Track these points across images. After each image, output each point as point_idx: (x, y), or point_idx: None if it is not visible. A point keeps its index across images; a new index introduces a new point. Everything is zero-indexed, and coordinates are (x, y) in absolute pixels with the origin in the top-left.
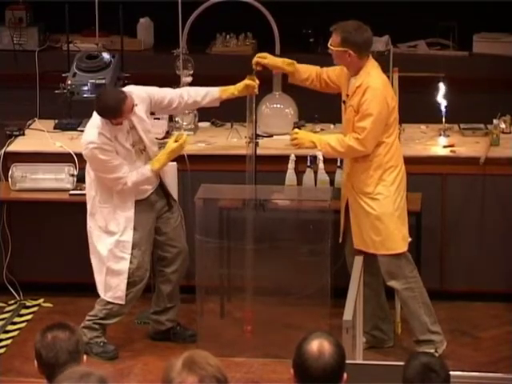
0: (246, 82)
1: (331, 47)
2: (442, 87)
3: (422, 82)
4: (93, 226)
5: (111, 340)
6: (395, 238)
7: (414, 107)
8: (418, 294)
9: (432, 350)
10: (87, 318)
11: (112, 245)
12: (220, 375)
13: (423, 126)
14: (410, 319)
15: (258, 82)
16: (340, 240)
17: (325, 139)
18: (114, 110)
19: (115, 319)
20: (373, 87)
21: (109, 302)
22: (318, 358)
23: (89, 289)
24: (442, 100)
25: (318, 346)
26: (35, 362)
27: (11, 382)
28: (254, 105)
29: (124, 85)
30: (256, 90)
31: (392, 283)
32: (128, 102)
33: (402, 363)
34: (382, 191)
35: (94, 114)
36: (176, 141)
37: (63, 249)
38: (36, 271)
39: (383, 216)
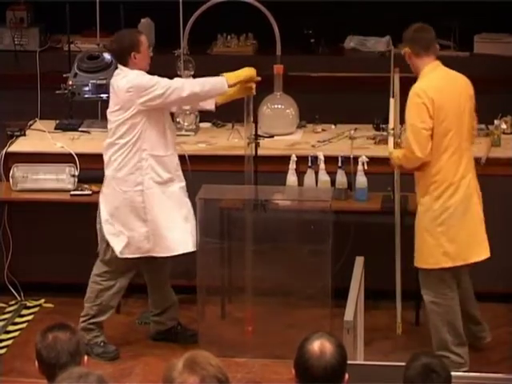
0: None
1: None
2: None
3: None
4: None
5: (112, 340)
6: (431, 252)
7: None
8: (444, 312)
9: None
10: (81, 319)
11: None
12: (221, 375)
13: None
14: (431, 332)
15: (256, 79)
16: None
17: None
18: (134, 40)
19: (107, 314)
20: (411, 94)
21: (97, 297)
22: (320, 358)
23: None
24: None
25: (320, 346)
26: (36, 362)
27: (12, 382)
28: (251, 106)
29: None
30: (254, 92)
31: (423, 294)
32: (143, 36)
33: (403, 364)
34: (424, 203)
35: (124, 73)
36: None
37: (64, 249)
38: (37, 272)
39: (421, 228)
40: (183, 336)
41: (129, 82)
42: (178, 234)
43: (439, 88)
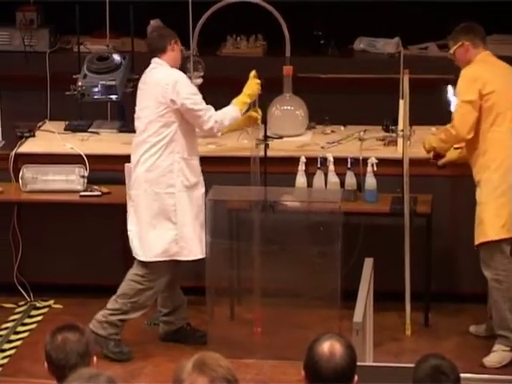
0: (250, 113)
1: (450, 53)
2: (452, 89)
3: (433, 83)
4: None
5: (121, 341)
6: (491, 224)
7: (425, 109)
8: (505, 289)
9: (507, 348)
10: (108, 312)
11: None
12: (230, 376)
13: (434, 128)
14: (493, 310)
15: (260, 113)
16: None
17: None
18: (172, 32)
19: (139, 313)
20: (464, 74)
21: (135, 295)
22: (329, 359)
23: (99, 290)
24: (452, 102)
25: (329, 347)
26: (45, 363)
27: (21, 382)
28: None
29: (134, 86)
30: (259, 122)
31: (485, 273)
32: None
33: (412, 365)
34: (484, 179)
35: (162, 67)
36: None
37: (74, 250)
38: (46, 272)
39: (481, 204)
40: (192, 337)
41: (169, 77)
42: (199, 238)
43: (491, 72)
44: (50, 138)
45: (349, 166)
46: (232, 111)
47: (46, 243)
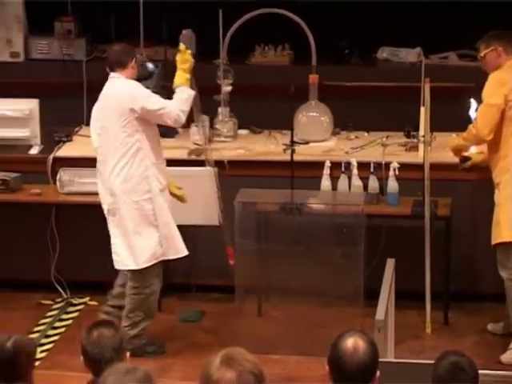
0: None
1: (481, 56)
2: (472, 97)
3: (453, 91)
4: None
5: (153, 337)
6: (506, 225)
7: (445, 116)
8: None
9: None
10: (128, 328)
11: None
12: (257, 371)
13: (454, 135)
14: (509, 309)
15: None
16: None
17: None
18: (128, 50)
19: (153, 317)
20: (490, 76)
21: (141, 305)
22: (353, 355)
23: None
24: (472, 109)
25: (353, 343)
26: (81, 357)
27: (58, 375)
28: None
29: (167, 93)
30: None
31: (501, 273)
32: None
33: (432, 362)
34: (504, 181)
35: (121, 80)
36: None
37: (108, 250)
38: (82, 271)
39: (499, 205)
40: None
41: (124, 88)
42: (179, 236)
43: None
44: (86, 142)
45: (372, 170)
46: (184, 94)
47: (82, 243)
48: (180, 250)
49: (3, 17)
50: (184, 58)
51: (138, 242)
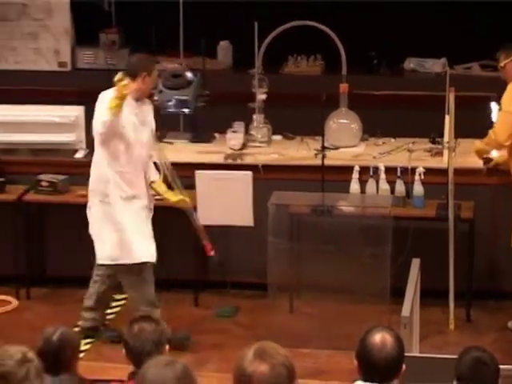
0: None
1: (501, 66)
2: (493, 105)
3: (476, 100)
4: None
5: (191, 331)
6: None
7: (469, 123)
8: None
9: None
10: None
11: None
12: (288, 364)
13: (477, 141)
14: None
15: (188, 200)
16: None
17: None
18: (142, 64)
19: (159, 304)
20: (509, 86)
21: (142, 297)
22: (382, 349)
23: (173, 284)
24: (494, 113)
25: (381, 338)
26: (123, 350)
27: (102, 366)
28: None
29: (205, 101)
30: (190, 205)
31: None
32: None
33: (455, 356)
34: None
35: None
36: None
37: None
38: None
39: None
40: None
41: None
42: (144, 244)
43: None
44: None
45: (398, 174)
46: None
47: None
48: (136, 257)
49: (52, 28)
50: (119, 86)
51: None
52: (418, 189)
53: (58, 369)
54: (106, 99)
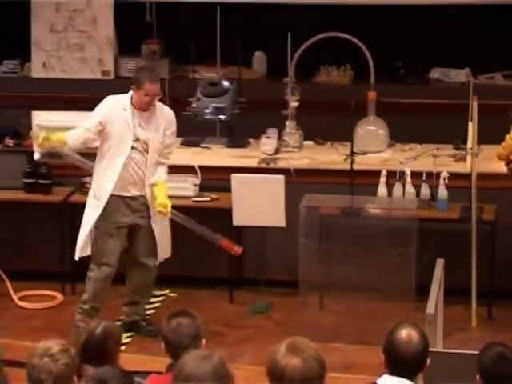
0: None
1: None
2: None
3: (498, 108)
4: None
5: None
6: None
7: (491, 130)
8: None
9: None
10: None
11: None
12: (319, 357)
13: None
14: None
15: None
16: None
17: None
18: (140, 77)
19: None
20: None
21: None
22: (408, 345)
23: (207, 282)
24: None
25: (407, 334)
26: (162, 343)
27: (142, 358)
28: None
29: (240, 108)
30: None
31: None
32: (150, 86)
33: (477, 352)
34: None
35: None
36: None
37: (187, 246)
38: (163, 266)
39: None
40: (144, 330)
41: None
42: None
43: None
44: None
45: (424, 178)
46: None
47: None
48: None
49: (96, 39)
50: (37, 144)
51: None
52: (443, 192)
53: (101, 360)
54: (104, 104)
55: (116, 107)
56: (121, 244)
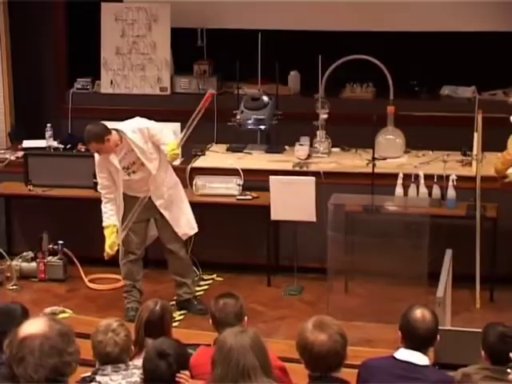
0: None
1: None
2: None
3: (500, 121)
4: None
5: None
6: None
7: (494, 140)
8: None
9: None
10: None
11: None
12: (342, 332)
13: (499, 154)
14: None
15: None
16: None
17: None
18: (84, 141)
19: None
20: None
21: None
22: (423, 322)
23: (248, 268)
24: None
25: (421, 313)
26: (210, 320)
27: (193, 333)
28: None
29: (278, 120)
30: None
31: None
32: (96, 145)
33: (479, 330)
34: None
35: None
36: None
37: (231, 237)
38: (211, 253)
39: None
40: (194, 308)
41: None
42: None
43: None
44: (215, 156)
45: (435, 180)
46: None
47: (211, 232)
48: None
49: (155, 60)
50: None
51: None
52: (451, 192)
53: (161, 333)
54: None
55: (102, 158)
56: (140, 235)
